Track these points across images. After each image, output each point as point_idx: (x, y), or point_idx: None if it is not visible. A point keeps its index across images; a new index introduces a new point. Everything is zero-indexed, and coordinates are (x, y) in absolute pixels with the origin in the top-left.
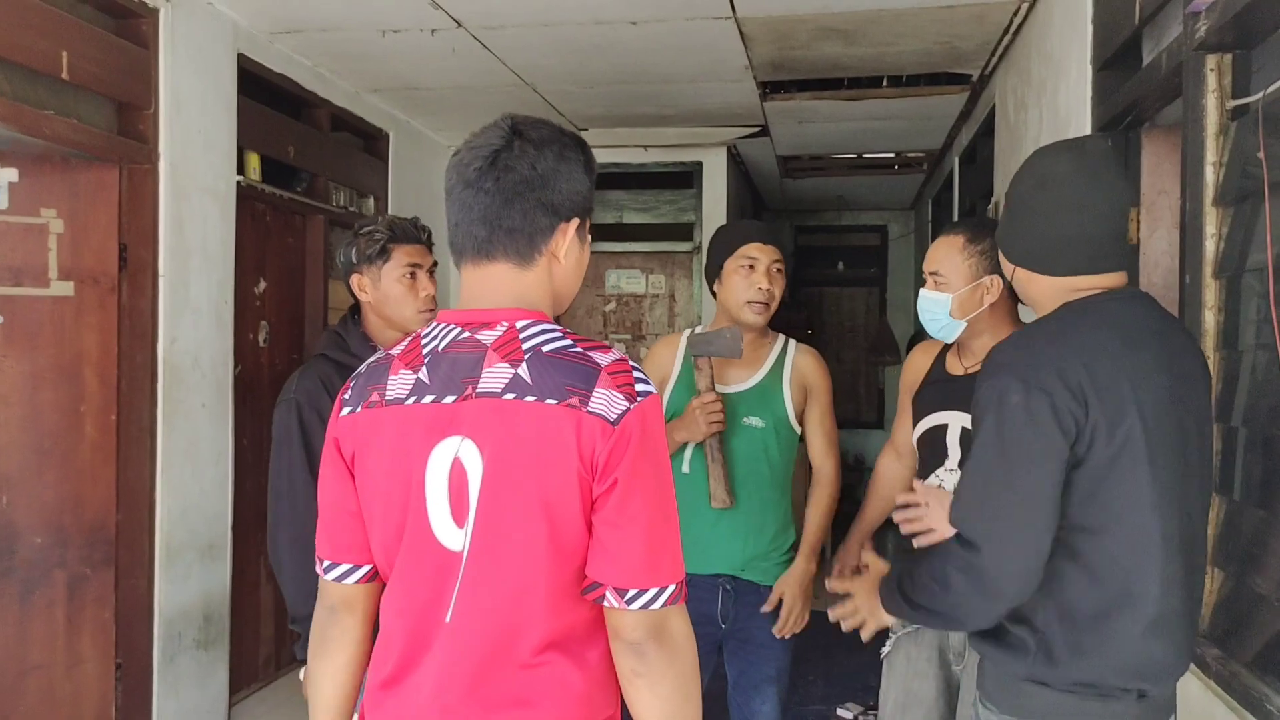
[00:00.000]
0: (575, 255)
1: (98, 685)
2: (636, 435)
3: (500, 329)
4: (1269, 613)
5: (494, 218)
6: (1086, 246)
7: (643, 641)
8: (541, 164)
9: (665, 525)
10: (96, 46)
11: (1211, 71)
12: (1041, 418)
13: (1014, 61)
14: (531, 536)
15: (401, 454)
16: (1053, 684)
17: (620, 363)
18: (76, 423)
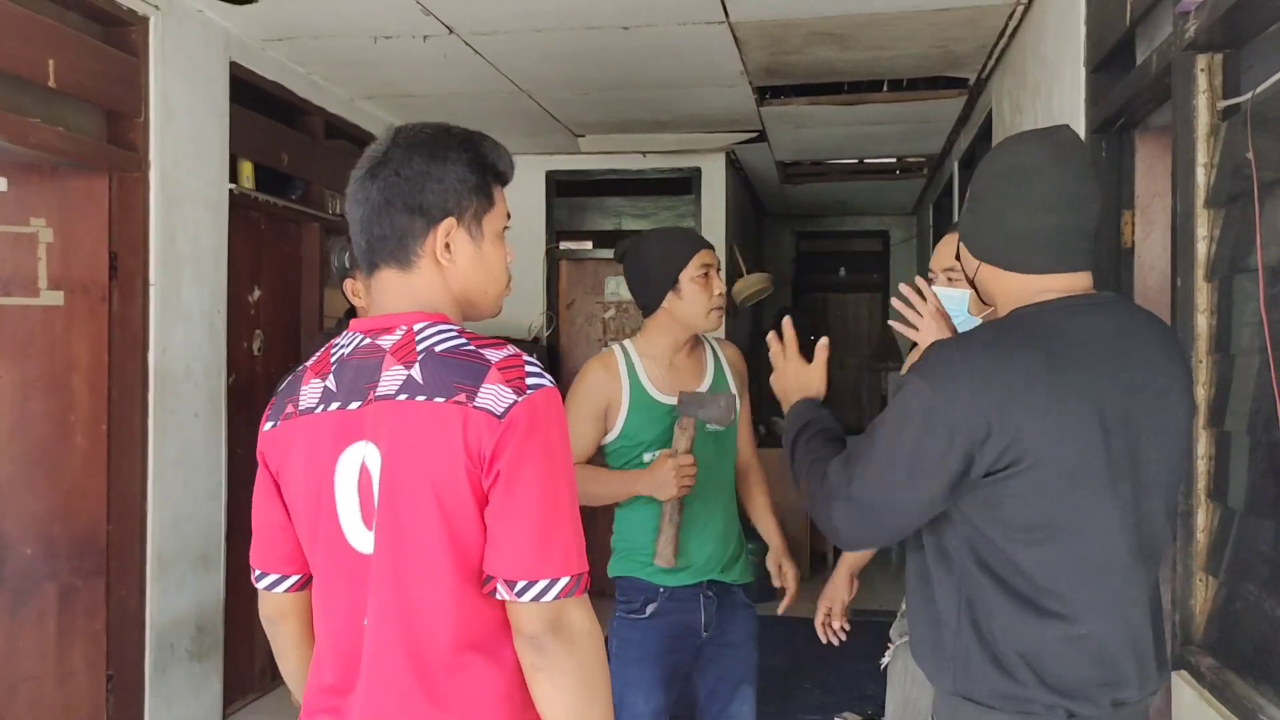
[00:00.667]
0: (469, 255)
1: (89, 697)
2: (522, 427)
3: (399, 333)
4: (1263, 621)
5: (368, 227)
6: (1052, 243)
7: (540, 635)
8: (408, 168)
9: (556, 516)
10: (84, 55)
11: (1202, 72)
12: (940, 429)
13: (1010, 65)
14: (430, 535)
15: (314, 462)
16: (976, 698)
17: (512, 358)
18: (67, 432)
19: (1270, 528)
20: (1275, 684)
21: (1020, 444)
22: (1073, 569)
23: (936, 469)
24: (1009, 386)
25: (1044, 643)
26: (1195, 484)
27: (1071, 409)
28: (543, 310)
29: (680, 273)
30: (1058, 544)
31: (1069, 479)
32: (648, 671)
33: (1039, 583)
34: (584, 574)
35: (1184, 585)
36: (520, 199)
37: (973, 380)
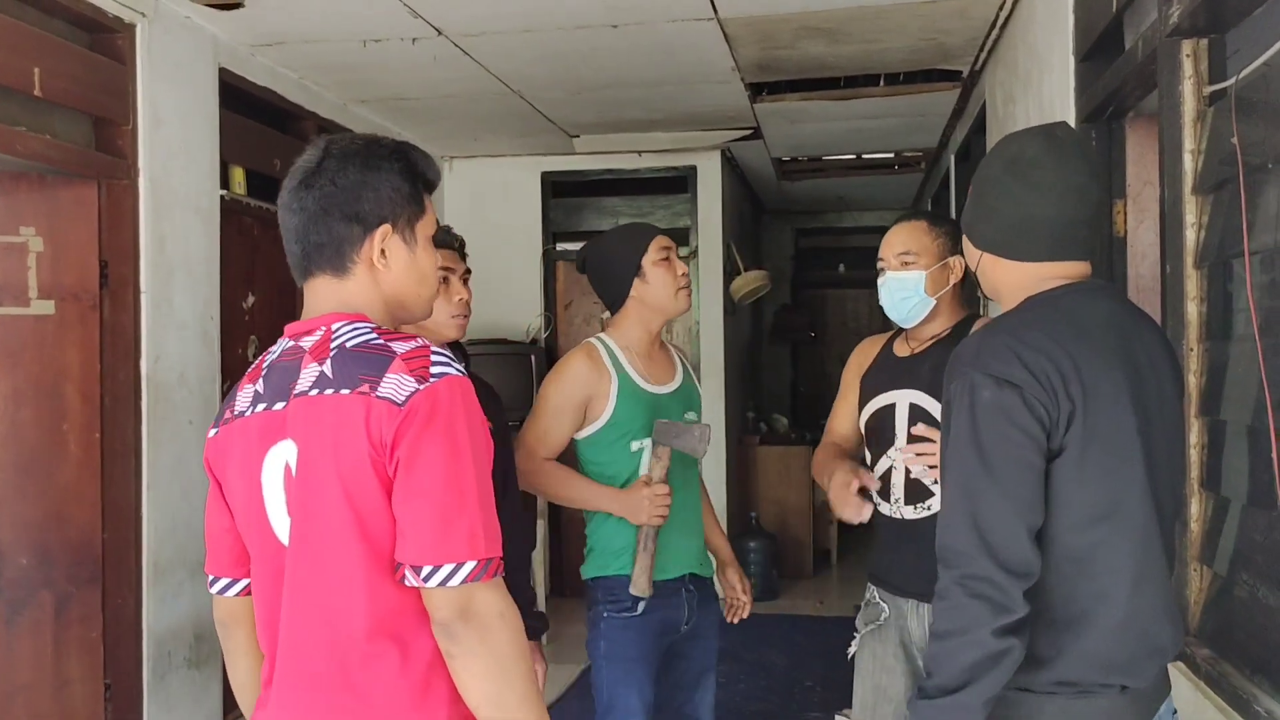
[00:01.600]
0: (403, 259)
1: (86, 706)
2: (422, 413)
3: (319, 333)
4: (1258, 611)
5: (304, 235)
6: (1053, 232)
7: (450, 621)
8: (343, 178)
9: (461, 501)
10: (70, 63)
11: (1188, 57)
12: (1015, 412)
13: (1002, 56)
14: (340, 525)
15: (246, 463)
16: (1033, 688)
17: (420, 349)
18: (60, 441)
19: (1263, 516)
20: (1270, 674)
21: (1077, 417)
22: (1123, 546)
23: (1032, 455)
24: (1062, 360)
25: (1102, 624)
26: (1188, 473)
27: (1111, 385)
28: (540, 312)
29: (642, 259)
30: (1109, 523)
31: (1117, 455)
32: (639, 670)
33: (1094, 564)
34: (494, 559)
35: (1179, 575)
36: (516, 200)
37: (1030, 357)
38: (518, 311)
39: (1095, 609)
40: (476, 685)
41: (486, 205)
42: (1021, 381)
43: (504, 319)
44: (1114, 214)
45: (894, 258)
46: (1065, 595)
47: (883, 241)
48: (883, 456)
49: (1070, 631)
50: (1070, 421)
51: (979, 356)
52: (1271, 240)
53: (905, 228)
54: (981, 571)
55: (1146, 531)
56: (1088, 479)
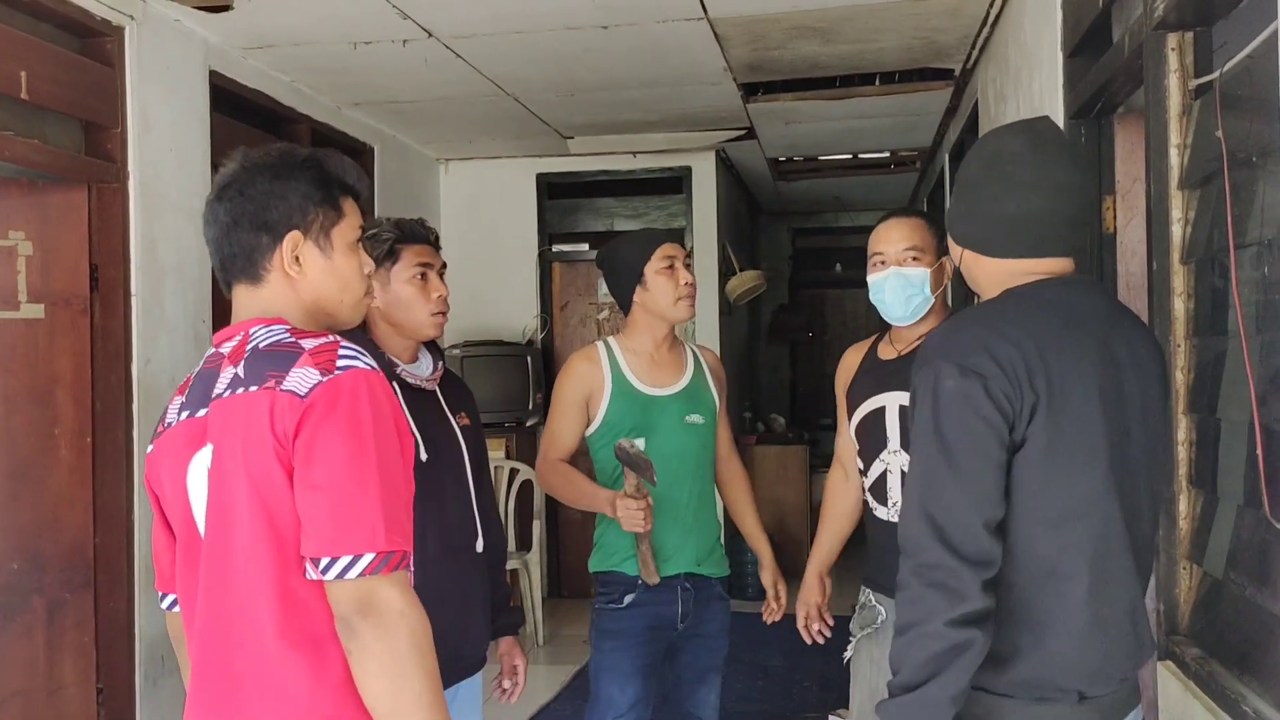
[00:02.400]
0: (318, 266)
1: (80, 710)
2: (322, 404)
3: (238, 338)
4: (1247, 611)
5: (220, 247)
6: (1032, 228)
7: (348, 615)
8: (252, 188)
9: (361, 492)
10: (58, 66)
11: (1173, 50)
12: (977, 401)
13: (993, 54)
14: (250, 520)
15: (173, 471)
16: (989, 688)
17: (329, 345)
18: (51, 446)
19: (1252, 514)
20: (1257, 674)
21: (1041, 409)
22: (1086, 547)
23: (993, 447)
24: (1029, 352)
25: (1061, 627)
26: (1176, 470)
27: (1081, 381)
28: (536, 313)
29: (644, 266)
30: (1074, 523)
31: (1080, 452)
32: (624, 662)
33: (1054, 565)
34: (396, 552)
35: (1168, 574)
36: (511, 202)
37: (997, 348)
38: (514, 313)
39: (1053, 611)
40: (372, 683)
41: (482, 207)
42: (985, 371)
43: (500, 320)
44: (1103, 210)
45: (900, 253)
46: (1024, 595)
47: (878, 236)
48: (876, 460)
49: (1029, 633)
50: (1034, 414)
51: (945, 345)
52: (1257, 235)
53: (908, 223)
54: (936, 560)
55: (1107, 536)
56: (1050, 475)
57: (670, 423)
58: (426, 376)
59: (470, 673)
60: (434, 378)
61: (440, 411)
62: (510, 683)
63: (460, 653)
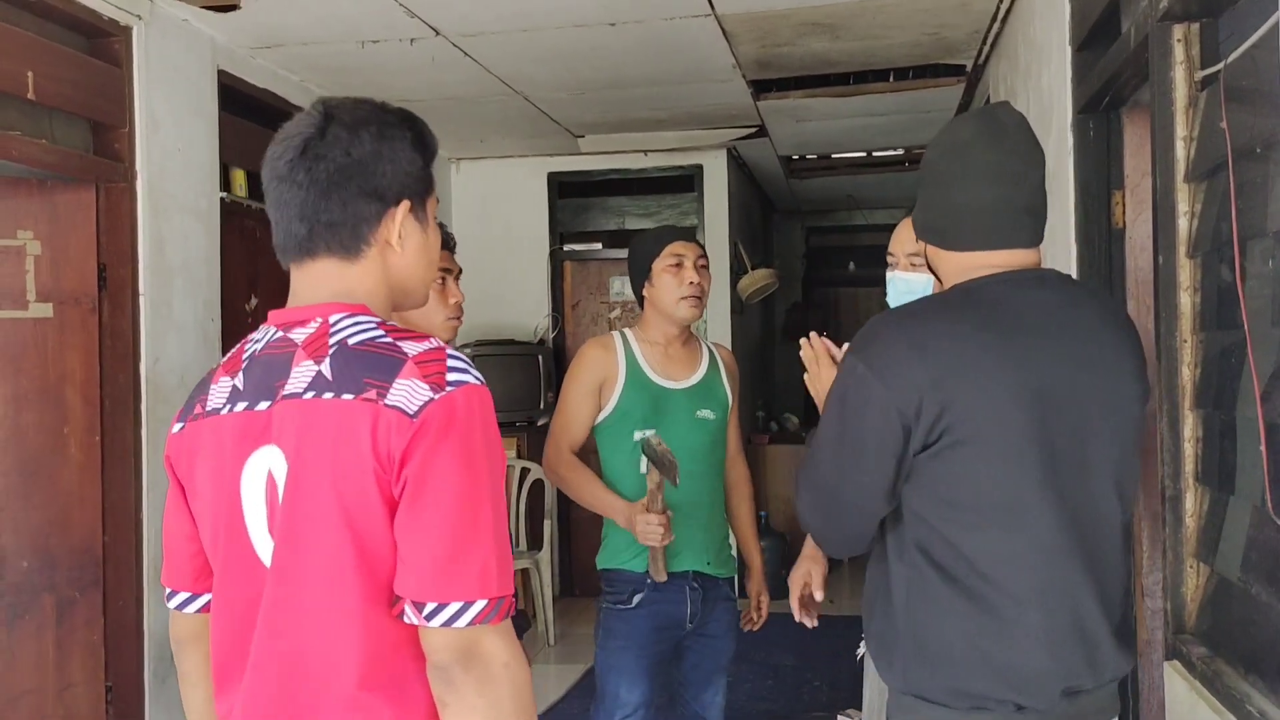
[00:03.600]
0: (416, 240)
1: (89, 709)
2: (436, 427)
3: (314, 325)
4: (1253, 609)
5: (311, 212)
6: (984, 219)
7: (449, 665)
8: (358, 148)
9: (474, 531)
10: (66, 66)
11: (1179, 42)
12: (874, 403)
13: (1004, 49)
14: (335, 546)
15: (220, 468)
16: (926, 695)
17: (434, 352)
18: (60, 444)
19: (1259, 512)
20: (1264, 673)
21: (954, 415)
22: (1013, 554)
23: (879, 445)
24: (942, 356)
25: (989, 634)
26: (1183, 467)
27: (1009, 381)
28: (548, 312)
29: (653, 262)
30: (997, 527)
31: (1006, 456)
32: (631, 661)
33: (981, 569)
34: (506, 598)
35: (1174, 572)
36: (523, 201)
37: (904, 350)
38: (525, 312)
39: (988, 617)
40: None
41: (493, 206)
42: (886, 377)
43: (511, 320)
44: (1113, 205)
45: (904, 257)
46: (955, 600)
47: (893, 235)
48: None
49: (962, 637)
50: (941, 415)
51: (861, 340)
52: (1263, 228)
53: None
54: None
55: (1046, 542)
56: (965, 477)
57: (681, 416)
58: None
59: None
60: None
61: None
62: None
63: None
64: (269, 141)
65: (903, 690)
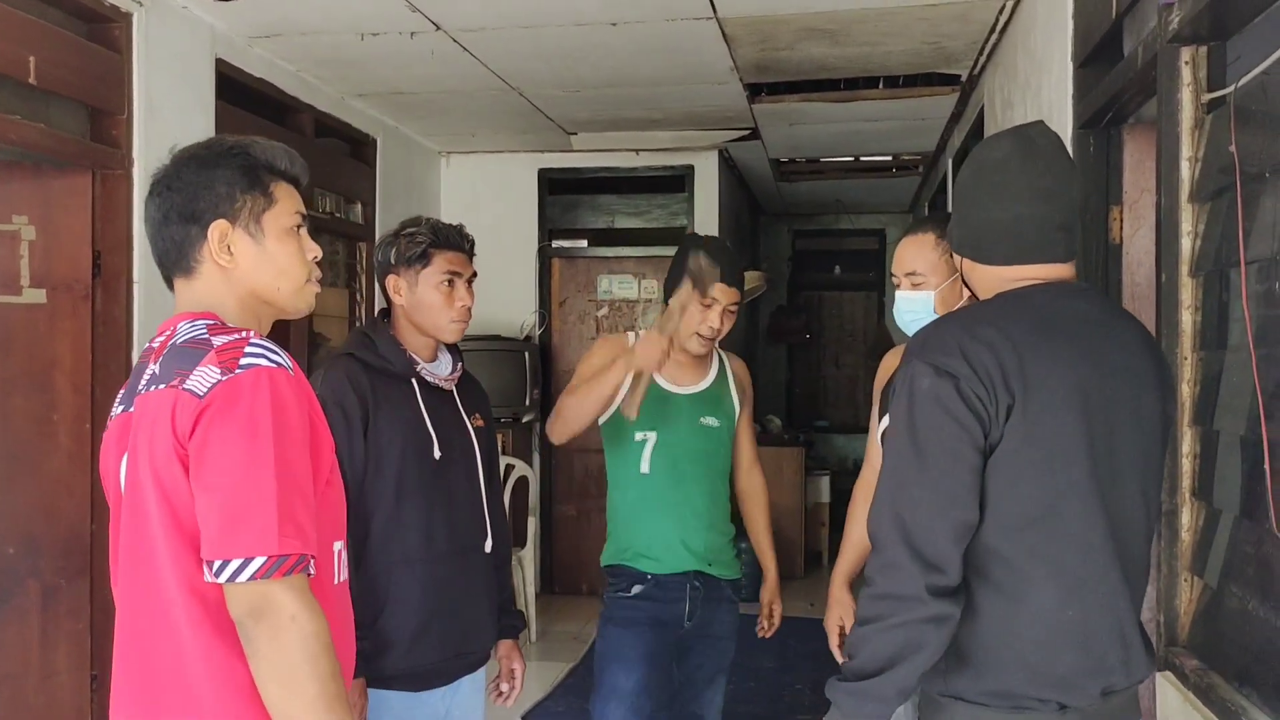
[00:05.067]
0: (250, 254)
1: (72, 697)
2: (219, 403)
3: (167, 333)
4: (1248, 623)
5: (154, 244)
6: (1020, 234)
7: (242, 618)
8: (179, 181)
9: (254, 493)
10: (66, 51)
11: (1186, 64)
12: (950, 402)
13: (1001, 61)
14: (158, 520)
15: (108, 465)
16: (966, 696)
17: (238, 341)
18: (50, 431)
19: (1255, 528)
20: (1259, 686)
21: (1017, 412)
22: (1054, 554)
23: (965, 447)
24: (1006, 353)
25: (1031, 634)
26: (1180, 482)
27: (1059, 384)
28: (535, 309)
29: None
30: (1039, 528)
31: (1053, 457)
32: (628, 649)
33: (1024, 571)
34: (292, 555)
35: (1169, 585)
36: (512, 196)
37: (973, 346)
38: (512, 308)
39: (1030, 618)
40: (265, 688)
41: (482, 201)
42: (959, 372)
43: (498, 315)
44: (1110, 221)
45: (904, 277)
46: (997, 600)
47: (895, 256)
48: None
49: (1003, 638)
50: (1009, 415)
51: (924, 345)
52: (1268, 250)
53: (912, 243)
54: (898, 560)
55: (1087, 541)
56: (1020, 478)
57: (683, 421)
58: (445, 376)
59: (473, 669)
60: (452, 378)
61: (455, 411)
62: (508, 685)
63: (465, 649)
64: (265, 132)
65: (940, 692)
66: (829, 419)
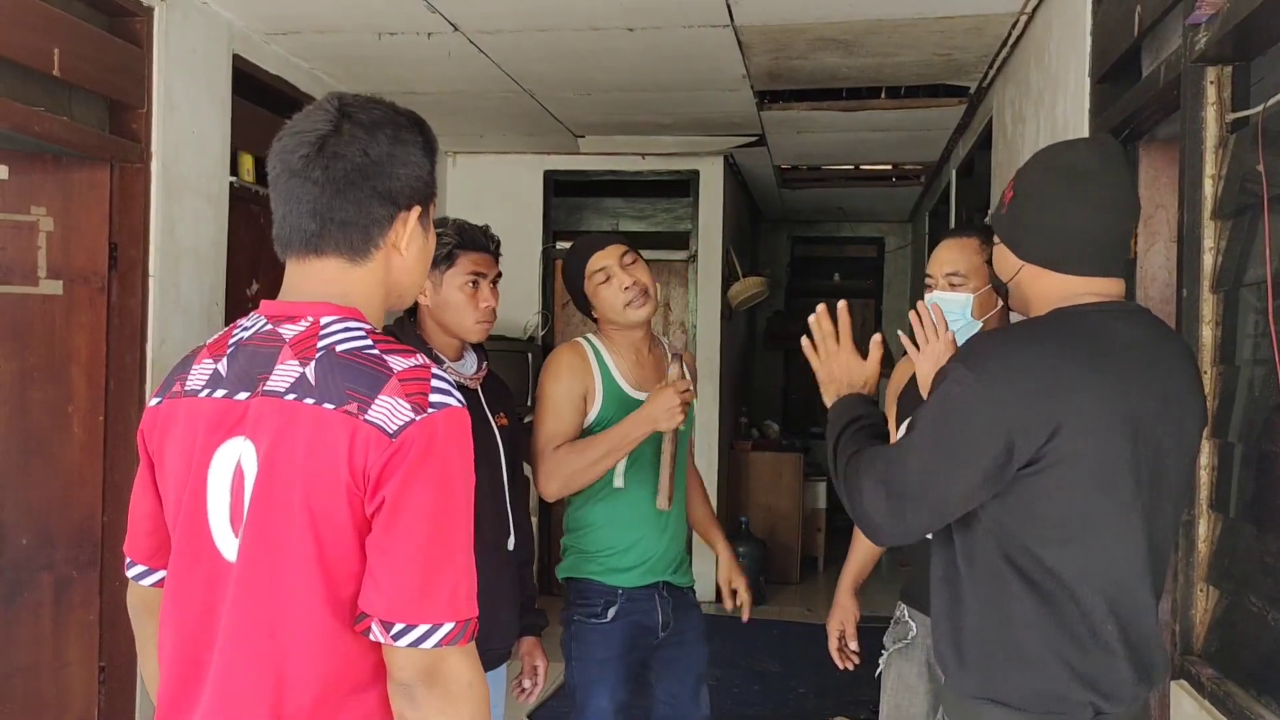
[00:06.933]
0: (418, 246)
1: (82, 688)
2: (416, 451)
3: (304, 324)
4: (1264, 632)
5: (325, 210)
6: (1102, 245)
7: (413, 684)
8: (375, 149)
9: (447, 555)
10: (89, 44)
11: (1211, 84)
12: (980, 410)
13: (1011, 74)
14: (299, 556)
15: (189, 450)
16: (1004, 700)
17: (419, 369)
18: (64, 423)
19: (1272, 539)
20: (1276, 694)
21: (1061, 436)
22: (1095, 569)
23: (976, 457)
24: (1053, 381)
25: (1073, 640)
26: (1198, 494)
27: (1108, 410)
28: (538, 310)
29: (584, 285)
30: (1084, 543)
31: (1101, 477)
32: (610, 673)
33: (1064, 581)
34: (472, 620)
35: (1184, 595)
36: (518, 198)
37: (1018, 372)
38: (515, 308)
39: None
40: None
41: (488, 201)
42: (999, 390)
43: (501, 315)
44: None
45: (942, 277)
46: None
47: (931, 257)
48: None
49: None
50: (1052, 436)
51: (974, 353)
52: None
53: (955, 245)
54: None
55: (1129, 560)
56: (1062, 496)
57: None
58: (470, 375)
59: (495, 665)
60: (477, 377)
61: (481, 411)
62: (530, 682)
63: (487, 645)
64: (277, 127)
65: (976, 695)
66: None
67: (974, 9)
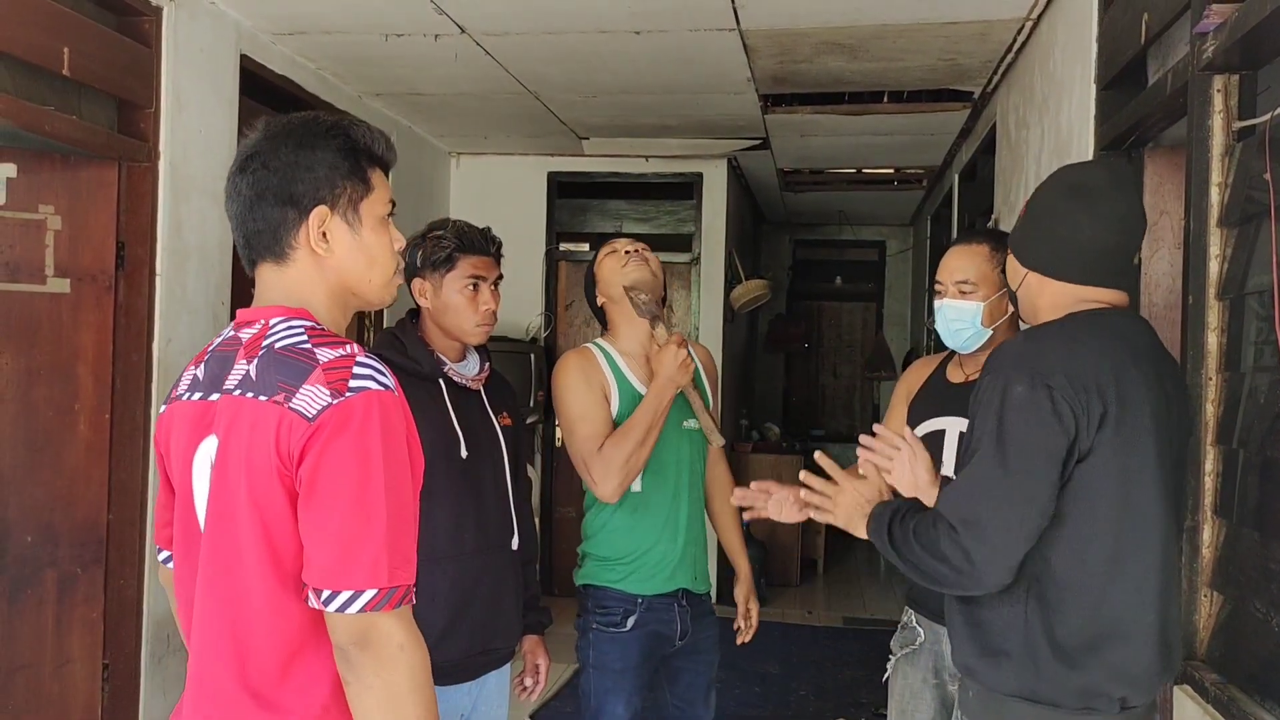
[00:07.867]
0: (346, 242)
1: (85, 686)
2: (330, 430)
3: (258, 327)
4: (1267, 637)
5: (243, 224)
6: (1107, 258)
7: (345, 646)
8: (276, 159)
9: (366, 526)
10: (98, 44)
11: (1218, 92)
12: (1042, 411)
13: (1016, 79)
14: (250, 532)
15: (180, 448)
16: (1038, 698)
17: (343, 359)
18: (70, 421)
19: (1276, 545)
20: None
21: (1109, 422)
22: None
23: (1048, 460)
24: (1103, 368)
25: (1108, 636)
26: (1202, 500)
27: (1145, 405)
28: (541, 311)
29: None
30: (1122, 537)
31: (1140, 470)
32: (627, 682)
33: (1106, 576)
34: (400, 587)
35: (1189, 600)
36: (521, 199)
37: (1067, 364)
38: (518, 310)
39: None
40: (369, 715)
41: (491, 203)
42: (1055, 383)
43: (504, 317)
44: None
45: (952, 285)
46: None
47: (941, 264)
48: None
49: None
50: (1102, 424)
51: (1019, 356)
52: None
53: (965, 252)
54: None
55: (1162, 549)
56: (1114, 486)
57: (669, 428)
58: (472, 376)
59: (499, 664)
60: (479, 378)
61: (483, 411)
62: (532, 680)
63: (491, 645)
64: None
65: (1009, 693)
66: (825, 428)
67: (979, 14)
